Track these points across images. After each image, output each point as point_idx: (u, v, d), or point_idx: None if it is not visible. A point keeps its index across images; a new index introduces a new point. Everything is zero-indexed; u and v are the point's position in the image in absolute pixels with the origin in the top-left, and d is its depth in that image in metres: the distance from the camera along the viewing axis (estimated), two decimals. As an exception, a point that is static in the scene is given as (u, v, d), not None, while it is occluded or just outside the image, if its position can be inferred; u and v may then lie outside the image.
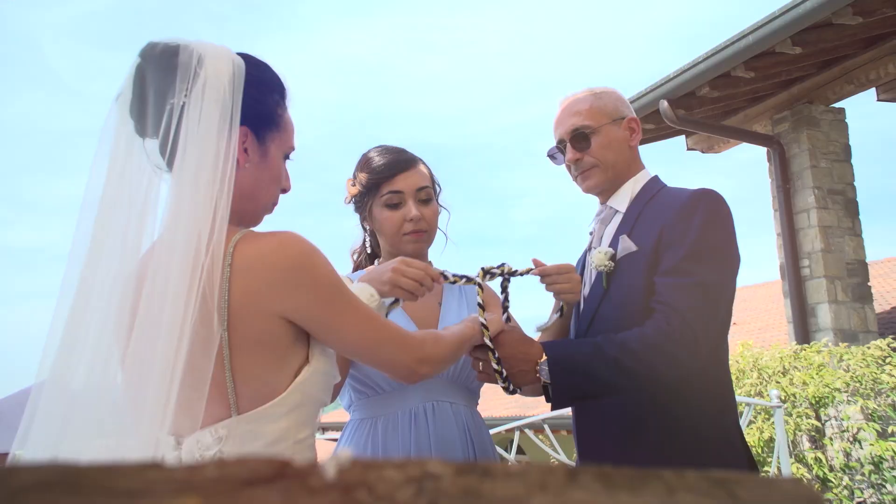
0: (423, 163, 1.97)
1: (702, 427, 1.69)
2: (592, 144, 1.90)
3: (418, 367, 1.34)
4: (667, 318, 1.62)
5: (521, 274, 1.78)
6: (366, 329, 1.25)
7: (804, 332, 6.35)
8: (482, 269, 1.73)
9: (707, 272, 1.66)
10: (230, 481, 0.31)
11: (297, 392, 1.19)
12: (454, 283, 1.77)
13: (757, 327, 11.87)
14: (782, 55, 5.69)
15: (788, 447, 4.84)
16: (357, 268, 2.10)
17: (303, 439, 1.20)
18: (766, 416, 5.15)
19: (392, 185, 1.88)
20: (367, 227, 2.02)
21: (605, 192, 1.95)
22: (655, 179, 1.94)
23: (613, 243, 1.85)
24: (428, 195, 1.91)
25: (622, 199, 1.92)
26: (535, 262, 1.78)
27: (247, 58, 1.28)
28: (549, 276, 1.77)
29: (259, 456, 0.33)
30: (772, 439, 4.93)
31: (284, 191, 1.40)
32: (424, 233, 1.90)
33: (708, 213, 1.72)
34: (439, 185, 2.01)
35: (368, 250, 2.06)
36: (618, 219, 1.90)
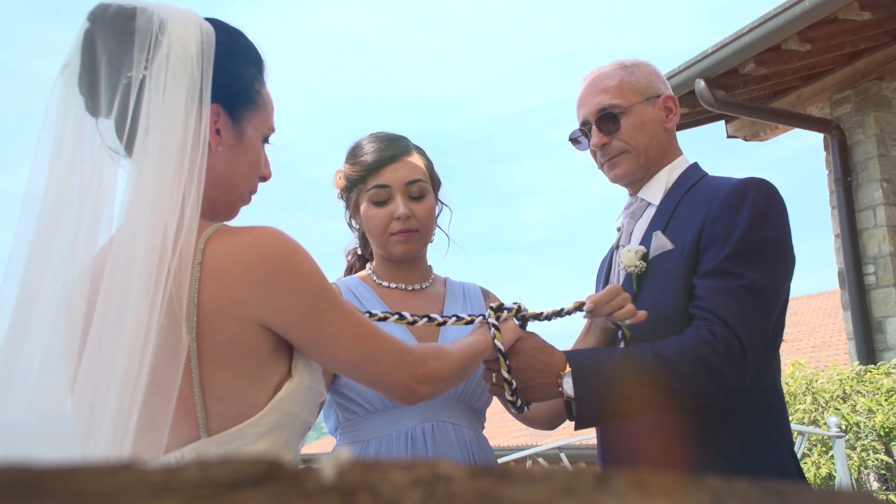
0: (420, 152, 1.99)
1: (750, 453, 1.70)
2: (622, 126, 1.91)
3: (418, 386, 1.34)
4: (709, 326, 1.63)
5: (568, 313, 1.75)
6: (358, 341, 1.26)
7: (869, 350, 6.35)
8: (491, 307, 1.69)
9: (756, 273, 1.68)
10: (212, 484, 0.32)
11: (277, 410, 1.20)
12: (469, 322, 1.74)
13: (811, 345, 11.88)
14: (847, 22, 5.63)
15: (852, 486, 4.84)
16: (349, 270, 2.12)
17: None
18: (824, 449, 5.15)
19: (378, 179, 1.91)
20: (357, 226, 2.05)
21: (635, 181, 1.96)
22: (695, 167, 1.95)
23: (645, 241, 1.86)
24: (421, 190, 1.93)
25: (656, 189, 1.93)
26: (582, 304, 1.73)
27: (217, 24, 1.30)
28: (606, 305, 1.69)
29: (246, 455, 0.33)
30: (831, 476, 4.94)
31: (264, 179, 1.41)
32: (415, 232, 1.92)
33: (757, 206, 1.72)
34: (439, 179, 2.03)
35: (359, 251, 2.09)
36: (650, 212, 1.92)
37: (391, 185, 1.90)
